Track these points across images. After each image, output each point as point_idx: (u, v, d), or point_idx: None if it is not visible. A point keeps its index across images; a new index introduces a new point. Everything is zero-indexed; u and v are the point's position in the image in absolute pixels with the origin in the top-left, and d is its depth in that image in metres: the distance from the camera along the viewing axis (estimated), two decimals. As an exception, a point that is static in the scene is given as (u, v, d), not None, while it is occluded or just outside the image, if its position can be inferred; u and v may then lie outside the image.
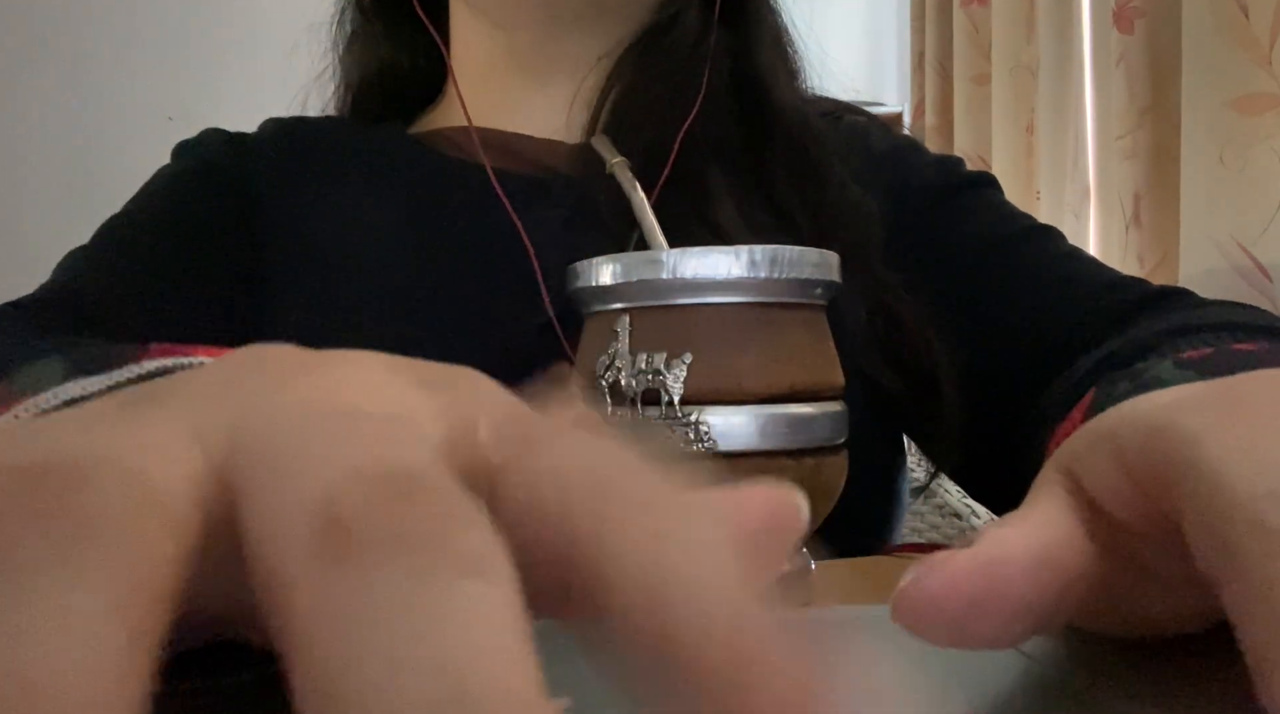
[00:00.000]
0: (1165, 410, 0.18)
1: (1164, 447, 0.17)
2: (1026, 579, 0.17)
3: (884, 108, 2.04)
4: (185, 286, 0.52)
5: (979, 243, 0.54)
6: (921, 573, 0.17)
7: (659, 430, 0.30)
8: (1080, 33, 1.56)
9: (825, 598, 0.32)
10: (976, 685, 0.19)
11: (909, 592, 0.17)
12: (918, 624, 0.17)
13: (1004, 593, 0.17)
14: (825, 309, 0.33)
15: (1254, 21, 1.07)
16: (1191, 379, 0.28)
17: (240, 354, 0.16)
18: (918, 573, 0.17)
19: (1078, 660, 0.21)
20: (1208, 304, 0.47)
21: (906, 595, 0.17)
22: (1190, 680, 0.19)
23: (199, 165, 0.58)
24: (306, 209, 0.56)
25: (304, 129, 0.61)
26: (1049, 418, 0.41)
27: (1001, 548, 0.18)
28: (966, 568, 0.17)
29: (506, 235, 0.51)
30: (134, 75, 2.01)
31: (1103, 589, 0.19)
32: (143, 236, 0.54)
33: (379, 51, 0.63)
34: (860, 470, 0.34)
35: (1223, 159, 1.10)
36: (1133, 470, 0.18)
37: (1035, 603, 0.17)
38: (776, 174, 0.53)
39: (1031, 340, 0.50)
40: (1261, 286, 1.09)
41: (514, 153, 0.56)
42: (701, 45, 0.56)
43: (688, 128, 0.51)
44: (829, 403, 0.32)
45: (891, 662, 0.21)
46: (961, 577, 0.17)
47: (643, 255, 0.31)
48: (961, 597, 0.17)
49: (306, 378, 0.15)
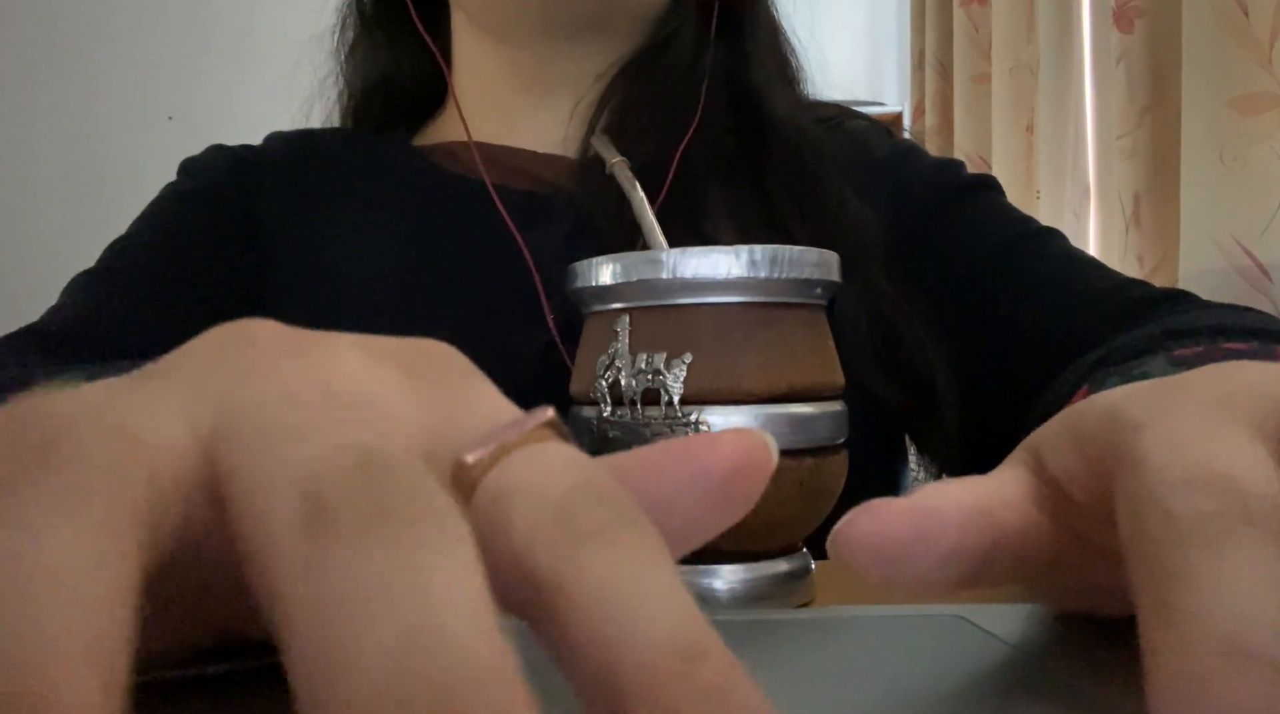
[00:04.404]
0: (1121, 398, 0.19)
1: (1112, 432, 0.18)
2: (956, 528, 0.19)
3: (884, 108, 2.04)
4: (191, 314, 0.52)
5: (980, 247, 0.55)
6: (858, 513, 0.19)
7: (659, 430, 0.30)
8: (1080, 32, 1.55)
9: (825, 598, 0.32)
10: (961, 675, 0.19)
11: (844, 530, 0.19)
12: (852, 560, 0.19)
13: (933, 537, 0.19)
14: (825, 309, 0.33)
15: (1254, 21, 1.07)
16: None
17: (225, 332, 0.16)
18: (854, 513, 0.19)
19: (1061, 649, 0.21)
20: (1207, 306, 0.47)
21: (842, 533, 0.19)
22: None
23: (202, 187, 0.58)
24: (310, 227, 0.56)
25: (308, 144, 0.62)
26: (1045, 417, 0.41)
27: (936, 498, 0.19)
28: (900, 511, 0.19)
29: (508, 251, 0.52)
30: (135, 75, 2.01)
31: (1055, 561, 0.20)
32: (148, 263, 0.54)
33: (380, 59, 0.64)
34: (860, 470, 0.34)
35: (1223, 159, 1.10)
36: (1086, 453, 0.19)
37: (965, 551, 0.19)
38: (774, 186, 0.53)
39: (1032, 343, 0.50)
40: (1262, 286, 1.09)
41: (515, 168, 0.56)
42: (698, 63, 0.56)
43: (686, 143, 0.52)
44: (829, 403, 0.32)
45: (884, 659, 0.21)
46: (894, 519, 0.19)
47: (643, 255, 0.31)
48: (892, 537, 0.18)
49: (290, 360, 0.15)
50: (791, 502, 0.31)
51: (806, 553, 0.33)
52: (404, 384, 0.16)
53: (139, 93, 2.00)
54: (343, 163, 0.59)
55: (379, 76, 0.64)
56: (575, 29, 0.56)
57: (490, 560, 0.13)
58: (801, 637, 0.22)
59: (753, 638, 0.22)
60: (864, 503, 0.19)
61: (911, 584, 0.19)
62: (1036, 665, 0.20)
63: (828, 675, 0.20)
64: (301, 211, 0.57)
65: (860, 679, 0.19)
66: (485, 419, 0.16)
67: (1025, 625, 0.23)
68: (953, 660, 0.20)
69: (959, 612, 0.24)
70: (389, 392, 0.15)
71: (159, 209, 0.58)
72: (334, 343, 0.16)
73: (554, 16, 0.55)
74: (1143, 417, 0.17)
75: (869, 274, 0.51)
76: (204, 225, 0.56)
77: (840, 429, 0.32)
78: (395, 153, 0.59)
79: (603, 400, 0.32)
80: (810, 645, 0.22)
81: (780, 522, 0.31)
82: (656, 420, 0.30)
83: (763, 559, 0.31)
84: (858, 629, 0.23)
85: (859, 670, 0.20)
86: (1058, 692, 0.19)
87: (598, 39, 0.56)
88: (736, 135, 0.55)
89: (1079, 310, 0.50)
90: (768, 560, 0.31)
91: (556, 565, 0.13)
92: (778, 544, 0.32)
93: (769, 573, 0.31)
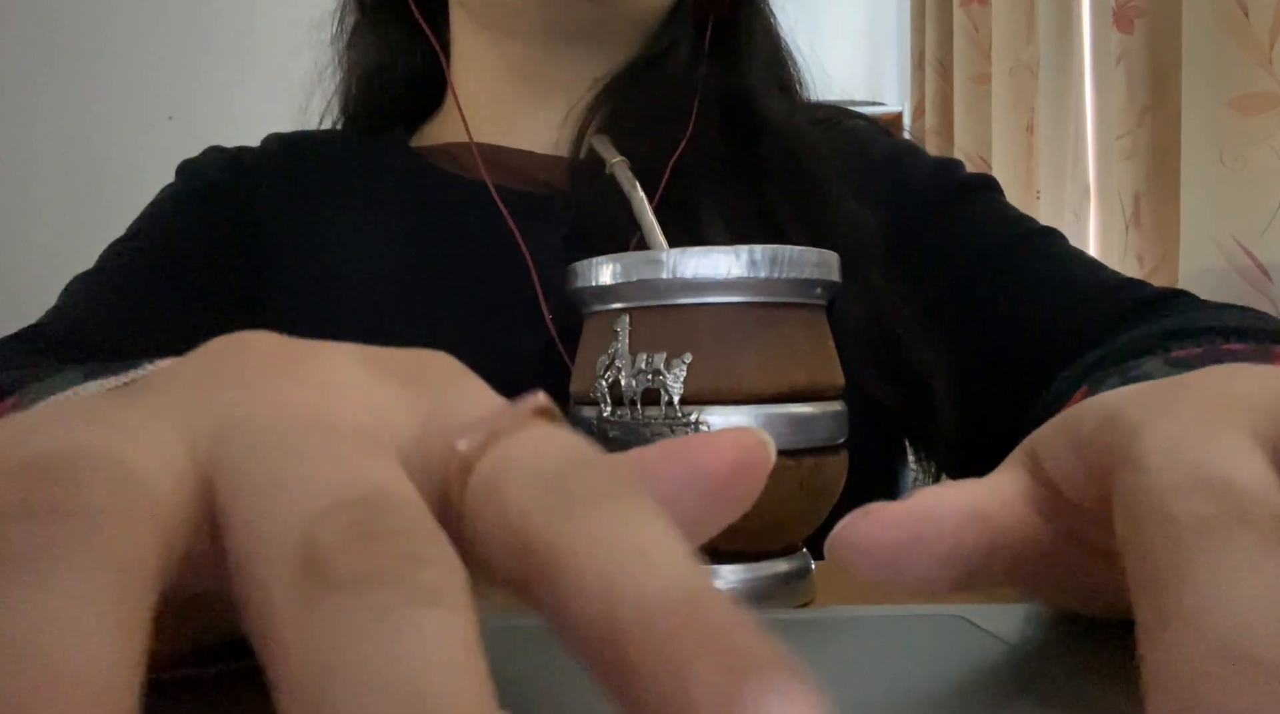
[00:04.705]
0: (1119, 401, 0.19)
1: (1109, 434, 0.18)
2: (953, 531, 0.19)
3: (884, 108, 2.04)
4: (189, 316, 0.52)
5: (979, 247, 0.54)
6: (855, 517, 0.19)
7: (659, 430, 0.30)
8: (1080, 32, 1.55)
9: (825, 598, 0.32)
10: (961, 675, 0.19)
11: (842, 534, 0.19)
12: (850, 564, 0.19)
13: (931, 539, 0.19)
14: (825, 309, 0.33)
15: (1254, 21, 1.07)
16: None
17: (222, 344, 0.16)
18: (853, 516, 0.19)
19: (1061, 649, 0.21)
20: (1206, 306, 0.47)
21: (840, 537, 0.19)
22: None
23: (201, 188, 0.58)
24: (308, 228, 0.56)
25: (305, 145, 0.62)
26: (1044, 418, 0.41)
27: (933, 501, 0.19)
28: (896, 515, 0.19)
29: (507, 251, 0.52)
30: (135, 75, 2.01)
31: (1053, 562, 0.20)
32: (146, 264, 0.54)
33: (378, 53, 0.63)
34: (860, 470, 0.34)
35: (1223, 159, 1.10)
36: (1084, 454, 0.19)
37: (961, 552, 0.19)
38: (770, 189, 0.53)
39: (1031, 343, 0.50)
40: (1262, 286, 1.09)
41: (514, 169, 0.57)
42: (692, 73, 0.57)
43: (680, 152, 0.52)
44: (829, 403, 0.32)
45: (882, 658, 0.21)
46: (892, 521, 0.19)
47: (643, 255, 0.31)
48: (890, 539, 0.19)
49: (287, 378, 0.15)
50: (791, 502, 0.31)
51: (806, 553, 0.33)
52: (401, 394, 0.16)
53: (139, 93, 2.00)
54: (341, 163, 0.59)
55: (377, 71, 0.64)
56: (572, 34, 0.56)
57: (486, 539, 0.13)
58: (801, 637, 0.22)
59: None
60: (861, 507, 0.19)
61: (910, 587, 0.19)
62: (1036, 665, 0.20)
63: (828, 675, 0.20)
64: (300, 212, 0.57)
65: (860, 679, 0.19)
66: (478, 410, 0.16)
67: (1025, 625, 0.23)
68: (953, 660, 0.20)
69: (959, 612, 0.24)
70: (387, 404, 0.16)
71: (157, 210, 0.58)
72: (330, 356, 0.16)
73: (551, 20, 0.55)
74: (1141, 419, 0.17)
75: (866, 275, 0.51)
76: (202, 226, 0.56)
77: (840, 429, 0.32)
78: (393, 153, 0.59)
79: (603, 400, 0.32)
80: (810, 645, 0.22)
81: (780, 522, 0.31)
82: (656, 420, 0.30)
83: (763, 559, 0.31)
84: (858, 629, 0.23)
85: (859, 670, 0.20)
86: (1058, 692, 0.19)
87: (595, 46, 0.57)
88: (732, 140, 0.55)
89: (1078, 310, 0.50)
90: (768, 560, 0.31)
91: (552, 531, 0.13)
92: (778, 544, 0.32)
93: (769, 573, 0.31)
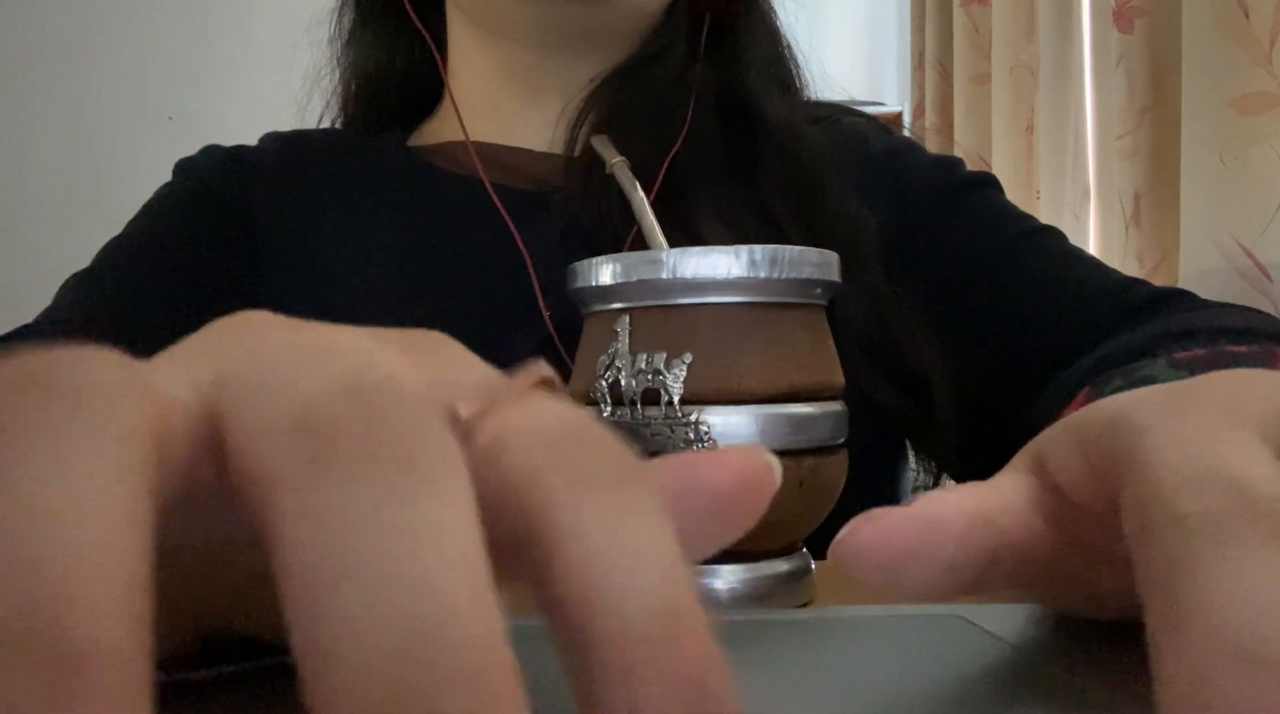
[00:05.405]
0: (1126, 404, 0.19)
1: (1117, 437, 0.18)
2: (958, 537, 0.19)
3: (884, 108, 2.04)
4: (186, 315, 0.52)
5: (979, 245, 0.54)
6: (859, 522, 0.19)
7: (659, 430, 0.30)
8: (1080, 32, 1.55)
9: (825, 598, 0.32)
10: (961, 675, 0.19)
11: (846, 539, 0.19)
12: (853, 569, 0.19)
13: (935, 546, 0.18)
14: (825, 309, 0.33)
15: (1254, 21, 1.07)
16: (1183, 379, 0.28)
17: (224, 320, 0.16)
18: (855, 523, 0.19)
19: (1061, 649, 0.21)
20: (1206, 306, 0.47)
21: (844, 543, 0.19)
22: None
23: (197, 187, 0.58)
24: (305, 227, 0.56)
25: (303, 143, 0.62)
26: (1044, 418, 0.41)
27: (938, 506, 0.19)
28: (900, 521, 0.19)
29: (505, 249, 0.52)
30: (134, 75, 2.01)
31: (1058, 566, 0.20)
32: (142, 264, 0.54)
33: (375, 54, 0.64)
34: (860, 470, 0.34)
35: (1223, 159, 1.10)
36: (1090, 458, 0.19)
37: (966, 559, 0.19)
38: (768, 189, 0.53)
39: (1031, 342, 0.50)
40: (1262, 286, 1.09)
41: (511, 167, 0.57)
42: (687, 74, 0.57)
43: (674, 152, 0.52)
44: (829, 403, 0.32)
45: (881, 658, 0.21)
46: (895, 528, 0.19)
47: (643, 255, 0.31)
48: (893, 546, 0.18)
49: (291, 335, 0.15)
50: (791, 502, 0.31)
51: (806, 553, 0.33)
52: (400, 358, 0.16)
53: (138, 93, 2.00)
54: (339, 162, 0.59)
55: (374, 70, 0.64)
56: (567, 36, 0.56)
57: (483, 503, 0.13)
58: (801, 637, 0.22)
59: (753, 638, 0.22)
60: (865, 512, 0.19)
61: (915, 592, 0.19)
62: (1037, 665, 0.20)
63: (828, 675, 0.20)
64: (297, 211, 0.57)
65: (860, 679, 0.19)
66: (480, 380, 0.16)
67: (1026, 625, 0.23)
68: (953, 660, 0.20)
69: (959, 612, 0.23)
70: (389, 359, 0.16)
71: (154, 210, 0.58)
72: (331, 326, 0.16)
73: (544, 22, 0.55)
74: (1149, 421, 0.17)
75: (865, 274, 0.51)
76: (199, 226, 0.56)
77: (840, 429, 0.32)
78: (391, 152, 0.60)
79: (603, 400, 0.32)
80: (810, 645, 0.22)
81: (780, 522, 0.31)
82: (656, 420, 0.30)
83: (763, 559, 0.31)
84: (858, 629, 0.23)
85: (859, 670, 0.20)
86: (1058, 692, 0.19)
87: (589, 47, 0.57)
88: (730, 139, 0.55)
89: (1079, 309, 0.50)
90: (768, 560, 0.31)
91: (552, 511, 0.13)
92: (778, 544, 0.32)
93: (769, 573, 0.31)
